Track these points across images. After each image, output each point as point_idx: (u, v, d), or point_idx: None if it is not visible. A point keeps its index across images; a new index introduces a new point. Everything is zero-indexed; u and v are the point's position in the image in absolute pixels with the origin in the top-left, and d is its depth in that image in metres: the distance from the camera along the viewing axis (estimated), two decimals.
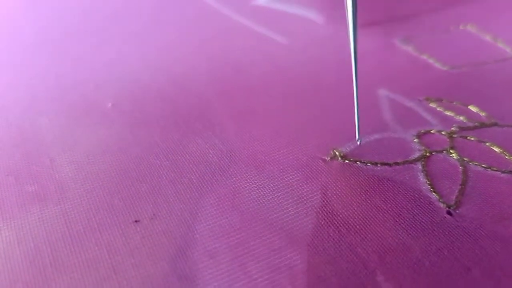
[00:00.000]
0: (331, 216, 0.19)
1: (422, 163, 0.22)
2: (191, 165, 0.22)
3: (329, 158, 0.22)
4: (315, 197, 0.20)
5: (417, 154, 0.22)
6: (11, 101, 0.26)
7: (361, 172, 0.21)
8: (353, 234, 0.18)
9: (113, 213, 0.19)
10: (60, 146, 0.23)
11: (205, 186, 0.20)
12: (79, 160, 0.22)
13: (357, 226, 0.18)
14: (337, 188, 0.20)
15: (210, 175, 0.21)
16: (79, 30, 0.34)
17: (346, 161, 0.21)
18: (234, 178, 0.21)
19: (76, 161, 0.22)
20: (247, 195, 0.20)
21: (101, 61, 0.30)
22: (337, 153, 0.22)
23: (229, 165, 0.22)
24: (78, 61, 0.30)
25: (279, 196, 0.20)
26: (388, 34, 0.33)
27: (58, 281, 0.17)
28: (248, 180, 0.21)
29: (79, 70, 0.29)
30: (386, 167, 0.21)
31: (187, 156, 0.22)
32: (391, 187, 0.20)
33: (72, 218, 0.19)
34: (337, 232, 0.18)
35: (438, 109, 0.25)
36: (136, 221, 0.19)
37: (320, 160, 0.22)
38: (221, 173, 0.21)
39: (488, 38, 0.32)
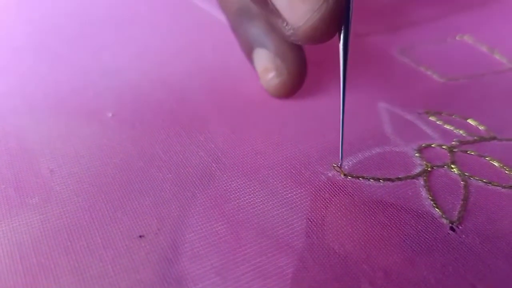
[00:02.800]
0: (335, 233, 0.19)
1: (424, 178, 0.22)
2: (194, 179, 0.21)
3: (331, 174, 0.22)
4: (319, 213, 0.20)
5: (418, 169, 0.22)
6: (8, 109, 0.26)
7: (364, 189, 0.21)
8: (358, 250, 0.18)
9: (117, 228, 0.19)
10: (60, 157, 0.23)
11: (209, 201, 0.20)
12: (80, 172, 0.22)
13: (362, 243, 0.19)
14: (341, 204, 0.20)
15: (213, 190, 0.21)
16: (74, 36, 0.34)
17: (349, 177, 0.21)
18: (238, 193, 0.21)
19: (77, 173, 0.22)
20: (251, 210, 0.20)
21: (99, 68, 0.30)
22: (338, 170, 0.22)
23: (232, 179, 0.21)
24: (75, 68, 0.30)
25: (283, 212, 0.20)
26: (386, 45, 0.33)
27: None
28: (252, 195, 0.21)
29: (76, 78, 0.29)
30: (388, 182, 0.21)
31: (190, 169, 0.22)
32: (394, 203, 0.20)
33: (74, 233, 0.19)
34: (342, 248, 0.18)
35: (437, 122, 0.25)
36: (140, 236, 0.19)
37: (322, 176, 0.22)
38: (224, 188, 0.21)
39: (484, 49, 0.33)
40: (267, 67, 0.25)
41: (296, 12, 0.20)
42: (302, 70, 0.26)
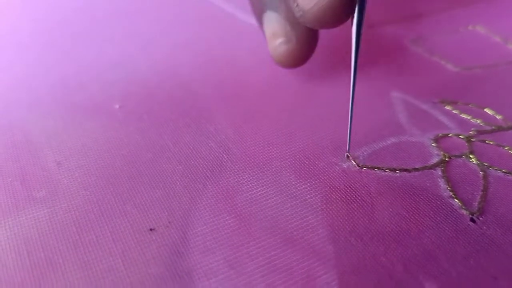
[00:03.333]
0: (352, 225, 0.18)
1: (442, 168, 0.21)
2: (204, 170, 0.21)
3: (346, 165, 0.21)
4: (334, 206, 0.19)
5: (436, 159, 0.22)
6: (14, 102, 0.26)
7: (380, 179, 0.20)
8: (376, 243, 0.18)
9: (126, 221, 0.19)
10: (67, 149, 0.22)
11: (220, 193, 0.20)
12: (88, 164, 0.21)
13: (380, 235, 0.18)
14: (357, 196, 0.20)
15: (225, 182, 0.20)
16: (80, 29, 0.33)
17: (364, 168, 0.21)
18: (250, 185, 0.20)
19: (85, 166, 0.21)
20: (264, 202, 0.19)
21: (105, 61, 0.29)
22: (353, 161, 0.21)
23: (244, 170, 0.21)
24: (81, 61, 0.29)
25: (296, 204, 0.19)
26: (399, 35, 0.32)
27: None
28: (265, 187, 0.20)
29: (83, 71, 0.28)
30: (405, 173, 0.21)
31: (200, 161, 0.21)
32: (412, 194, 0.20)
33: (83, 226, 0.18)
34: (359, 241, 0.18)
35: (453, 111, 0.25)
36: (151, 229, 0.18)
37: (337, 167, 0.21)
38: (236, 179, 0.20)
39: (498, 39, 0.32)
40: (276, 31, 0.24)
41: None
42: (312, 39, 0.24)
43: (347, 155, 0.21)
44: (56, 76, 0.28)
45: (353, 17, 0.20)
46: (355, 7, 0.20)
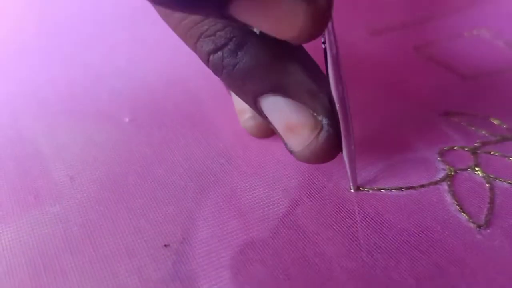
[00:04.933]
0: (362, 240, 0.19)
1: (448, 183, 0.21)
2: (216, 187, 0.21)
3: (352, 189, 0.21)
4: (344, 224, 0.19)
5: (441, 174, 0.22)
6: (21, 111, 0.26)
7: (387, 199, 0.21)
8: (386, 258, 0.18)
9: (141, 237, 0.19)
10: (79, 164, 0.23)
11: (232, 211, 0.20)
12: (100, 179, 0.22)
13: (390, 251, 0.18)
14: (365, 214, 0.20)
15: (236, 199, 0.21)
16: (86, 36, 0.33)
17: (370, 191, 0.21)
18: (262, 202, 0.20)
19: (98, 180, 0.22)
20: (277, 219, 0.20)
21: (112, 69, 0.29)
22: (359, 186, 0.21)
23: (254, 188, 0.21)
24: (88, 68, 0.30)
25: (308, 222, 0.20)
26: (402, 42, 0.33)
27: None
28: (276, 205, 0.20)
29: (89, 78, 0.29)
30: (411, 190, 0.21)
31: (212, 177, 0.22)
32: (419, 210, 0.20)
33: (98, 242, 0.19)
34: (370, 256, 0.18)
35: (461, 123, 0.25)
36: (165, 246, 0.18)
37: (345, 190, 0.21)
38: (247, 197, 0.21)
39: (501, 44, 0.32)
40: (244, 108, 0.23)
41: (291, 141, 0.20)
42: None
43: (356, 187, 0.21)
44: (62, 83, 0.28)
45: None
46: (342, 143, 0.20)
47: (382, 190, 0.21)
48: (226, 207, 0.20)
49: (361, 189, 0.21)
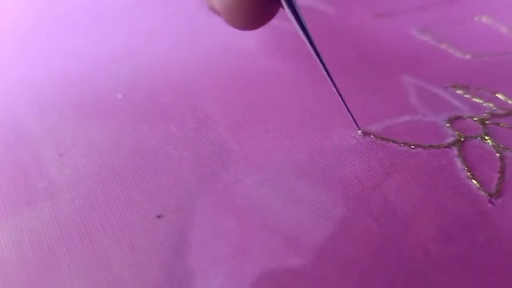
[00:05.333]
0: (368, 205, 0.18)
1: (458, 148, 0.20)
2: (212, 155, 0.20)
3: (361, 133, 0.20)
4: (349, 184, 0.18)
5: (451, 139, 0.21)
6: (16, 96, 0.25)
7: (395, 154, 0.20)
8: (394, 225, 0.17)
9: (132, 209, 0.18)
10: (69, 140, 0.22)
11: (229, 177, 0.19)
12: (91, 154, 0.21)
13: (397, 216, 0.17)
14: (372, 173, 0.19)
15: (234, 165, 0.20)
16: (82, 23, 0.32)
17: (379, 140, 0.20)
18: (263, 167, 0.19)
19: (88, 155, 0.21)
20: (277, 183, 0.19)
21: (108, 55, 0.28)
22: (369, 132, 0.20)
23: (252, 153, 0.20)
24: (83, 55, 0.29)
25: (311, 183, 0.19)
26: (403, 24, 0.32)
27: (77, 284, 0.15)
28: (279, 168, 0.19)
29: (85, 64, 0.28)
30: (420, 149, 0.20)
31: (207, 145, 0.21)
32: (429, 172, 0.19)
33: (88, 216, 0.18)
34: (376, 223, 0.17)
35: (465, 95, 0.24)
36: (158, 216, 0.17)
37: (351, 139, 0.20)
38: (245, 163, 0.20)
39: (504, 30, 0.31)
40: None
41: None
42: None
43: (361, 131, 0.21)
44: (57, 69, 0.27)
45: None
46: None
47: (391, 142, 0.20)
48: (222, 175, 0.19)
49: (371, 136, 0.20)
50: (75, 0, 0.35)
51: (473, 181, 0.19)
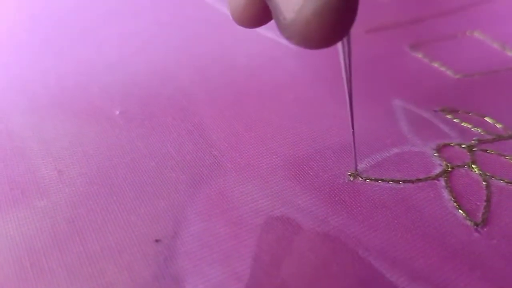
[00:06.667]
0: (358, 237, 0.18)
1: (445, 178, 0.21)
2: (209, 180, 0.21)
3: (351, 177, 0.21)
4: (340, 218, 0.19)
5: (438, 169, 0.22)
6: (10, 106, 0.25)
7: (384, 191, 0.20)
8: (382, 255, 0.18)
9: (131, 232, 0.18)
10: (68, 157, 0.22)
11: (226, 204, 0.20)
12: (90, 172, 0.21)
13: (386, 248, 0.18)
14: (362, 208, 0.20)
15: (230, 191, 0.20)
16: (77, 30, 0.33)
17: (368, 180, 0.21)
18: (255, 195, 0.20)
19: (87, 174, 0.21)
20: (270, 213, 0.19)
21: (103, 63, 0.29)
22: (357, 174, 0.21)
23: (248, 180, 0.21)
24: (78, 63, 0.29)
25: (303, 216, 0.19)
26: (397, 40, 0.32)
27: None
28: (270, 198, 0.20)
29: (80, 72, 0.28)
30: (409, 184, 0.21)
31: (204, 170, 0.21)
32: (416, 205, 0.20)
33: (87, 237, 0.18)
34: (367, 253, 0.18)
35: (454, 120, 0.25)
36: (156, 241, 0.18)
37: (340, 179, 0.21)
38: (241, 190, 0.20)
39: (496, 45, 0.32)
40: None
41: (285, 3, 0.16)
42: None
43: (348, 174, 0.21)
44: (53, 78, 0.27)
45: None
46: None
47: (379, 181, 0.21)
48: (219, 200, 0.20)
49: (359, 178, 0.21)
50: (70, 8, 0.35)
51: (460, 211, 0.20)
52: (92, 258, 0.17)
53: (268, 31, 0.32)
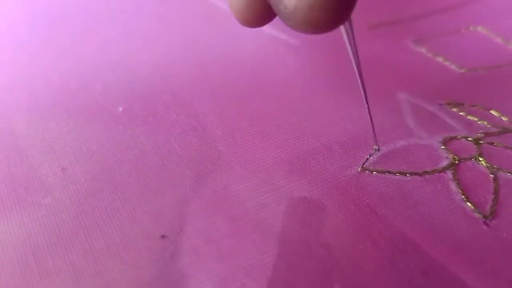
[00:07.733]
0: (366, 230, 0.18)
1: (452, 171, 0.21)
2: (214, 175, 0.20)
3: (359, 169, 0.21)
4: (348, 211, 0.19)
5: (445, 162, 0.21)
6: (13, 104, 0.25)
7: (391, 183, 0.20)
8: (392, 248, 0.17)
9: (137, 228, 0.18)
10: (72, 154, 0.22)
11: (231, 198, 0.19)
12: (94, 169, 0.21)
13: (395, 240, 0.18)
14: (370, 200, 0.19)
15: (235, 186, 0.20)
16: (79, 28, 0.32)
17: (375, 172, 0.21)
18: (261, 189, 0.20)
19: (91, 171, 0.21)
20: (276, 208, 0.19)
21: (106, 60, 0.29)
22: (364, 165, 0.21)
23: (254, 174, 0.21)
24: (81, 61, 0.29)
25: (309, 208, 0.19)
26: (400, 35, 0.32)
27: None
28: (276, 192, 0.20)
29: (83, 70, 0.28)
30: (416, 176, 0.21)
31: (209, 165, 0.21)
32: (424, 198, 0.20)
33: (93, 234, 0.18)
34: (375, 246, 0.18)
35: (460, 113, 0.25)
36: (162, 236, 0.18)
37: (347, 171, 0.21)
38: (246, 183, 0.20)
39: (499, 40, 0.32)
40: None
41: None
42: None
43: (376, 148, 0.22)
44: (55, 76, 0.27)
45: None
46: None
47: (386, 173, 0.20)
48: (225, 195, 0.19)
49: (366, 170, 0.21)
50: (72, 6, 0.35)
51: (468, 203, 0.19)
52: (98, 255, 0.17)
53: (269, 27, 0.31)
